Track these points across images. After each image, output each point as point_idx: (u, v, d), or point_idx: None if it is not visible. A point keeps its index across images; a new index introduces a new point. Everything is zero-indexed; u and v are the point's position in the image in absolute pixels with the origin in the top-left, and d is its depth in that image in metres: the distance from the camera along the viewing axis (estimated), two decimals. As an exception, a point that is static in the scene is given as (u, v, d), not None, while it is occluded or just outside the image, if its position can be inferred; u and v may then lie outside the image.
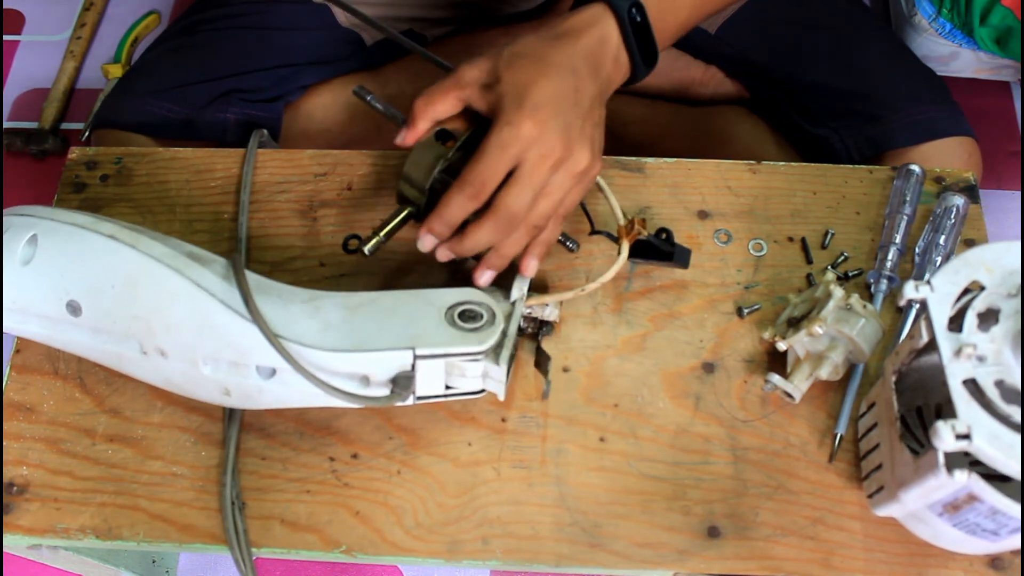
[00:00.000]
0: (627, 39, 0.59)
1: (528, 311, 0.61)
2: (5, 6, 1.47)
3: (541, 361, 0.62)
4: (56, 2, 1.48)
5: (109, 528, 0.58)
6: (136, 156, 0.73)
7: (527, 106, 0.54)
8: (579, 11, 0.59)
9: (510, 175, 0.55)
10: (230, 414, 0.61)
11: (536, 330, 0.63)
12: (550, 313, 0.62)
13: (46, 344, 0.60)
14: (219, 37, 0.85)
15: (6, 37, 1.44)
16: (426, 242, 0.58)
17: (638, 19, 0.59)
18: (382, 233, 0.59)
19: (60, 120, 1.35)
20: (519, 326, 0.58)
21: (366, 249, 0.59)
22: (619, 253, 0.62)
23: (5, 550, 0.61)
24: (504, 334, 0.56)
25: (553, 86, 0.55)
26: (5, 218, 0.58)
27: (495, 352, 0.56)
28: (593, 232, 0.65)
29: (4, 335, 0.60)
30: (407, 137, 0.58)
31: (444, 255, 0.58)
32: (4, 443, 0.61)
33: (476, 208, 0.55)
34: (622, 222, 0.62)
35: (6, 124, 1.35)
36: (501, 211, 0.55)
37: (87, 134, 1.32)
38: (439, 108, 0.58)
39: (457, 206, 0.55)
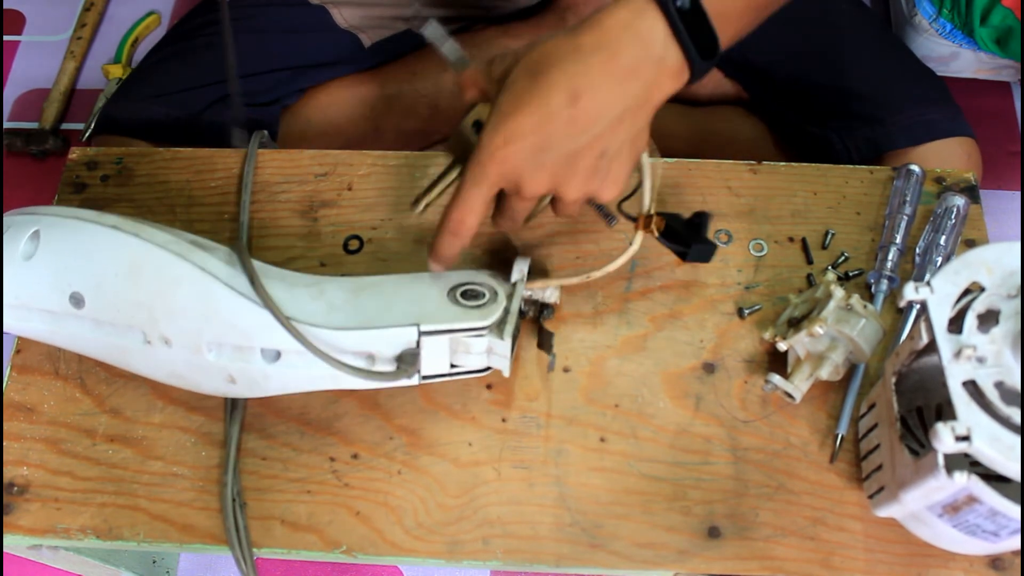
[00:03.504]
0: (678, 33, 0.51)
1: (529, 294, 0.61)
2: (5, 6, 1.47)
3: (544, 339, 0.62)
4: (56, 2, 1.48)
5: (109, 528, 0.58)
6: (137, 156, 0.73)
7: (499, 139, 0.51)
8: (612, 11, 0.51)
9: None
10: (231, 414, 0.61)
11: (537, 314, 0.63)
12: (551, 295, 0.62)
13: (47, 342, 0.60)
14: (218, 41, 0.85)
15: (6, 37, 1.44)
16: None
17: (687, 6, 0.50)
18: (434, 192, 0.59)
19: (60, 120, 1.35)
20: (520, 309, 0.59)
21: (417, 209, 0.59)
22: (631, 243, 0.60)
23: (5, 550, 0.61)
24: (507, 311, 0.57)
25: (536, 119, 0.51)
26: (6, 218, 0.58)
27: (499, 327, 0.56)
28: (618, 207, 0.62)
29: (4, 335, 0.60)
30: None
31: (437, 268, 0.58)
32: (4, 443, 0.61)
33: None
34: (645, 211, 0.60)
35: (6, 124, 1.35)
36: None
37: (87, 135, 1.32)
38: (480, 82, 0.56)
39: (467, 210, 0.55)
